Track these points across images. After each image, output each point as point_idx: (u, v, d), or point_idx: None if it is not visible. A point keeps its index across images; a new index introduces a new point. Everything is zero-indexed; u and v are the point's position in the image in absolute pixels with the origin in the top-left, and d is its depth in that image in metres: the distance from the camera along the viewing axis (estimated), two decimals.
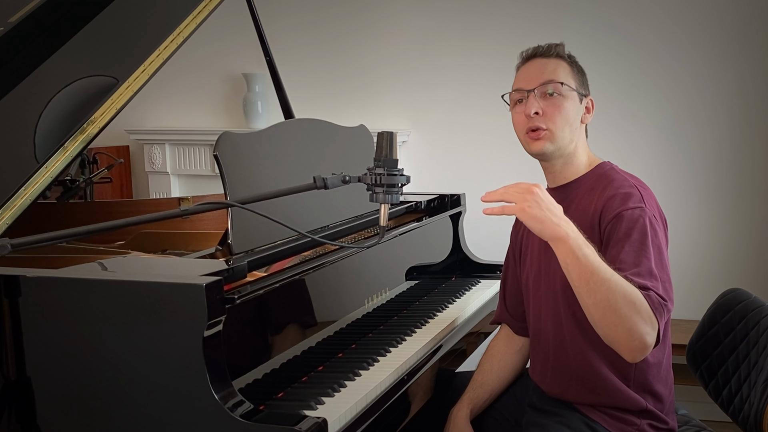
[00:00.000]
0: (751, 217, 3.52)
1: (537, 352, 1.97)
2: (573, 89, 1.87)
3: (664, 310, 1.65)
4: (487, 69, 3.73)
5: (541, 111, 1.85)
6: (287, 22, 3.95)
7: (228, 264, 1.66)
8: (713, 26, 3.47)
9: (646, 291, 1.64)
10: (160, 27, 2.17)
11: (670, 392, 1.90)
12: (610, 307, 1.60)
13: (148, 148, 4.19)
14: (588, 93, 1.92)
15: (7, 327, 1.49)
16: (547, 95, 1.85)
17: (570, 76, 1.88)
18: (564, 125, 1.85)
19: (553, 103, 1.85)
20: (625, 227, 1.73)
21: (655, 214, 1.78)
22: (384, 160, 1.60)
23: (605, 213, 1.77)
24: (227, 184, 1.84)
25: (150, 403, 1.44)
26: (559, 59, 1.90)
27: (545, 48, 1.91)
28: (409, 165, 3.61)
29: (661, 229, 1.78)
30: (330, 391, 1.68)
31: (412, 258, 2.48)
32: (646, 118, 3.58)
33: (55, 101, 1.98)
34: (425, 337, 2.09)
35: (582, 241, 1.63)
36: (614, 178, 1.85)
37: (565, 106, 1.85)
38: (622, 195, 1.78)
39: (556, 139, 1.85)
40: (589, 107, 1.92)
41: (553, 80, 1.86)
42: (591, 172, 1.90)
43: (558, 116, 1.85)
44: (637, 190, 1.80)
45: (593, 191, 1.84)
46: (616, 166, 1.92)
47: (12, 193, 1.77)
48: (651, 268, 1.68)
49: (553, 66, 1.88)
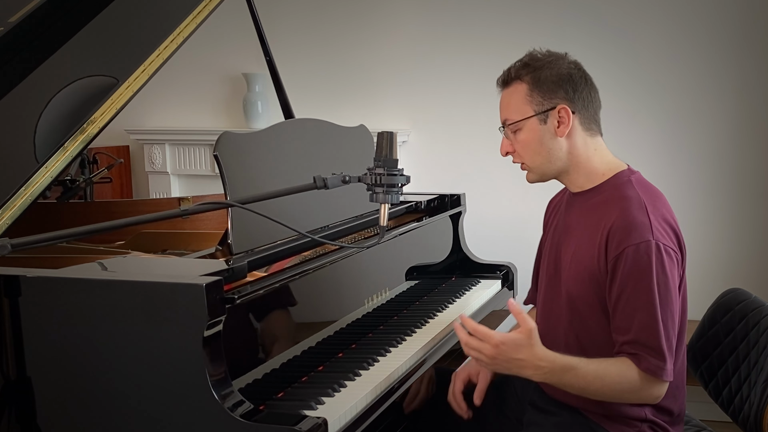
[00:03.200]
0: (752, 216, 3.52)
1: None
2: (527, 117, 1.83)
3: (660, 369, 1.70)
4: (487, 69, 3.70)
5: (512, 148, 1.89)
6: (287, 22, 3.95)
7: (228, 264, 1.66)
8: (715, 25, 3.47)
9: (637, 358, 1.70)
10: (160, 27, 2.17)
11: (680, 406, 1.87)
12: (604, 396, 1.75)
13: (148, 148, 4.19)
14: (555, 104, 1.81)
15: (7, 327, 1.49)
16: (511, 132, 1.87)
17: (524, 101, 1.83)
18: (533, 156, 1.86)
19: (515, 139, 1.87)
20: (627, 269, 1.71)
21: (665, 239, 1.73)
22: (384, 160, 1.60)
23: (610, 245, 1.74)
24: (227, 184, 1.84)
25: (150, 403, 1.44)
26: (516, 83, 1.85)
27: (504, 76, 1.89)
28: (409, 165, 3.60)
29: (671, 255, 1.73)
30: (330, 391, 1.68)
31: (412, 258, 2.48)
32: (646, 118, 3.58)
33: (55, 101, 1.98)
34: (425, 337, 2.09)
35: (551, 369, 1.71)
36: (626, 195, 1.78)
37: (523, 139, 1.85)
38: (628, 224, 1.73)
39: (533, 169, 1.88)
40: (563, 117, 1.81)
41: (505, 120, 1.88)
42: (608, 182, 1.84)
43: (522, 150, 1.87)
44: (646, 213, 1.74)
45: (607, 205, 1.80)
46: (635, 175, 1.85)
47: (12, 193, 1.77)
48: (647, 324, 1.69)
49: (507, 99, 1.88)
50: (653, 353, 1.70)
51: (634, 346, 1.71)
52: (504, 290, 2.71)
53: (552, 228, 2.01)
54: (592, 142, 1.86)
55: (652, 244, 1.71)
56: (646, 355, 1.70)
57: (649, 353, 1.70)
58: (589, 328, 1.81)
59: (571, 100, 1.83)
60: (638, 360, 1.70)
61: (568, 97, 1.83)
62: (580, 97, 1.84)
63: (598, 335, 1.79)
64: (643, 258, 1.70)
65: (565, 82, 1.83)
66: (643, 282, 1.70)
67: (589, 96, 1.86)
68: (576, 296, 1.82)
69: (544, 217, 2.10)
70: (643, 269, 1.70)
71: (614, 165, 1.87)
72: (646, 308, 1.70)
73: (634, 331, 1.71)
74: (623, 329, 1.73)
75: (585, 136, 1.85)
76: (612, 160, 1.88)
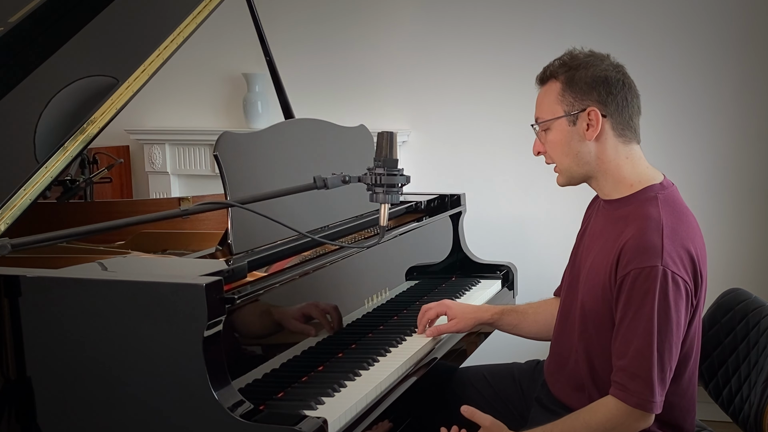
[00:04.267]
0: (752, 217, 3.51)
1: (556, 351, 1.96)
2: (557, 117, 1.79)
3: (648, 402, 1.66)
4: (487, 69, 3.73)
5: (543, 148, 1.85)
6: (287, 22, 3.95)
7: (228, 264, 1.66)
8: (715, 25, 3.47)
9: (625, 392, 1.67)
10: (160, 27, 2.17)
11: (690, 428, 1.85)
12: None
13: (148, 148, 4.19)
14: (586, 106, 1.76)
15: (7, 327, 1.49)
16: (542, 132, 1.84)
17: (556, 100, 1.79)
18: (561, 157, 1.82)
19: (546, 140, 1.84)
20: (630, 293, 1.67)
21: (675, 266, 1.66)
22: (384, 160, 1.60)
23: (620, 264, 1.70)
24: (227, 184, 1.84)
25: (150, 403, 1.44)
26: (552, 82, 1.81)
27: (542, 74, 1.85)
28: (409, 165, 3.60)
29: (678, 285, 1.67)
30: (330, 391, 1.68)
31: (412, 258, 2.48)
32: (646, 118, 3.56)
33: (55, 101, 1.98)
34: (425, 337, 2.09)
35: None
36: (647, 214, 1.72)
37: (553, 139, 1.81)
38: (639, 246, 1.68)
39: (561, 171, 1.84)
40: (593, 120, 1.76)
41: (537, 119, 1.85)
42: (635, 195, 1.78)
43: (552, 151, 1.84)
44: (661, 236, 1.68)
45: (627, 220, 1.74)
46: (667, 191, 1.78)
47: (12, 193, 1.77)
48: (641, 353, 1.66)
49: (541, 97, 1.85)
50: (642, 384, 1.66)
51: (625, 375, 1.67)
52: (504, 290, 2.71)
53: (584, 228, 1.97)
54: (625, 150, 1.80)
55: (659, 270, 1.64)
56: (634, 387, 1.66)
57: (638, 384, 1.66)
58: (598, 342, 1.79)
59: (603, 103, 1.76)
60: (626, 395, 1.67)
61: (600, 99, 1.76)
62: (614, 101, 1.77)
63: (606, 351, 1.76)
64: (647, 283, 1.65)
65: (599, 84, 1.77)
66: (644, 308, 1.65)
67: (625, 101, 1.78)
68: (588, 308, 1.80)
69: (585, 211, 2.03)
70: (646, 294, 1.65)
71: (646, 177, 1.80)
72: (643, 336, 1.66)
73: (629, 358, 1.67)
74: (620, 353, 1.70)
75: (617, 142, 1.79)
76: (645, 171, 1.81)
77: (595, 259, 1.81)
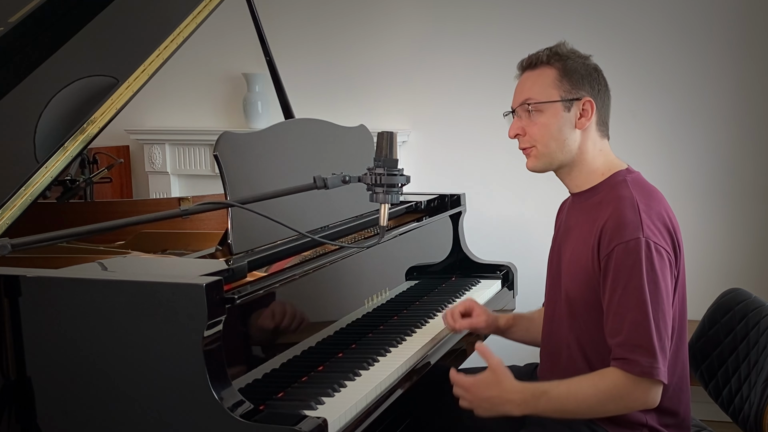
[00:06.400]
0: (751, 216, 3.52)
1: (546, 354, 1.97)
2: (553, 101, 1.82)
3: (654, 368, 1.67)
4: (487, 69, 3.73)
5: (522, 131, 1.86)
6: (287, 22, 3.95)
7: (228, 264, 1.66)
8: (714, 25, 3.47)
9: (628, 363, 1.68)
10: (160, 27, 2.17)
11: (685, 410, 1.86)
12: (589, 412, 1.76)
13: (148, 148, 4.19)
14: (582, 95, 1.82)
15: (7, 327, 1.49)
16: (528, 112, 1.85)
17: (553, 84, 1.82)
18: (547, 140, 1.83)
19: (532, 121, 1.84)
20: (618, 268, 1.70)
21: (656, 237, 1.72)
22: (384, 160, 1.60)
23: (602, 245, 1.74)
24: (227, 184, 1.84)
25: (150, 403, 1.44)
26: (546, 67, 1.84)
27: (532, 59, 1.88)
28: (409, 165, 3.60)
29: (661, 254, 1.72)
30: (330, 391, 1.68)
31: (412, 258, 2.48)
32: (646, 118, 3.58)
33: (55, 101, 1.98)
34: (425, 337, 2.09)
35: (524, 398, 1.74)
36: (620, 195, 1.78)
37: (543, 122, 1.83)
38: (619, 223, 1.73)
39: (542, 155, 1.85)
40: (587, 110, 1.82)
41: (528, 99, 1.84)
42: (605, 182, 1.85)
43: (537, 133, 1.84)
44: (638, 211, 1.73)
45: (602, 205, 1.80)
46: (633, 175, 1.85)
47: (12, 193, 1.77)
48: (638, 324, 1.68)
49: (533, 79, 1.85)
50: (645, 353, 1.67)
51: (625, 349, 1.69)
52: (504, 290, 2.72)
53: (557, 229, 2.02)
54: (600, 143, 1.87)
55: (642, 242, 1.70)
56: (637, 358, 1.67)
57: (640, 354, 1.67)
58: (588, 329, 1.81)
59: (594, 96, 1.84)
60: (629, 365, 1.68)
61: (593, 92, 1.84)
62: (601, 97, 1.86)
63: (598, 336, 1.78)
64: (632, 255, 1.70)
65: (592, 78, 1.85)
66: (633, 281, 1.69)
67: (607, 98, 1.88)
68: (574, 298, 1.82)
69: (556, 218, 2.08)
70: (633, 267, 1.69)
71: (613, 165, 1.87)
72: (637, 307, 1.68)
73: (626, 332, 1.69)
74: (615, 330, 1.71)
75: (597, 136, 1.86)
76: (613, 161, 1.88)
77: (574, 248, 1.84)
